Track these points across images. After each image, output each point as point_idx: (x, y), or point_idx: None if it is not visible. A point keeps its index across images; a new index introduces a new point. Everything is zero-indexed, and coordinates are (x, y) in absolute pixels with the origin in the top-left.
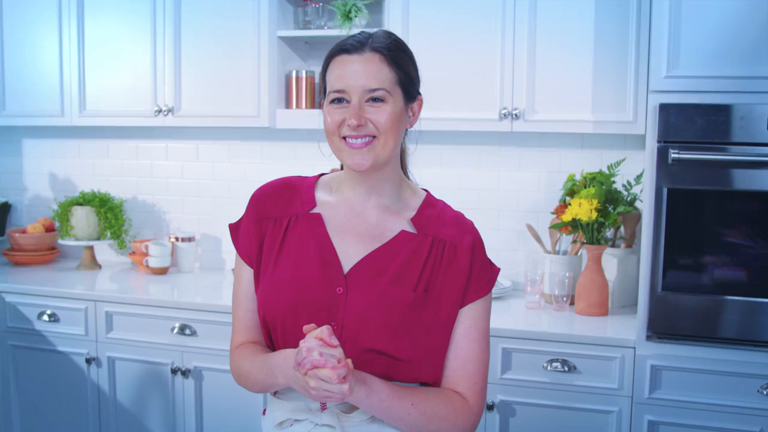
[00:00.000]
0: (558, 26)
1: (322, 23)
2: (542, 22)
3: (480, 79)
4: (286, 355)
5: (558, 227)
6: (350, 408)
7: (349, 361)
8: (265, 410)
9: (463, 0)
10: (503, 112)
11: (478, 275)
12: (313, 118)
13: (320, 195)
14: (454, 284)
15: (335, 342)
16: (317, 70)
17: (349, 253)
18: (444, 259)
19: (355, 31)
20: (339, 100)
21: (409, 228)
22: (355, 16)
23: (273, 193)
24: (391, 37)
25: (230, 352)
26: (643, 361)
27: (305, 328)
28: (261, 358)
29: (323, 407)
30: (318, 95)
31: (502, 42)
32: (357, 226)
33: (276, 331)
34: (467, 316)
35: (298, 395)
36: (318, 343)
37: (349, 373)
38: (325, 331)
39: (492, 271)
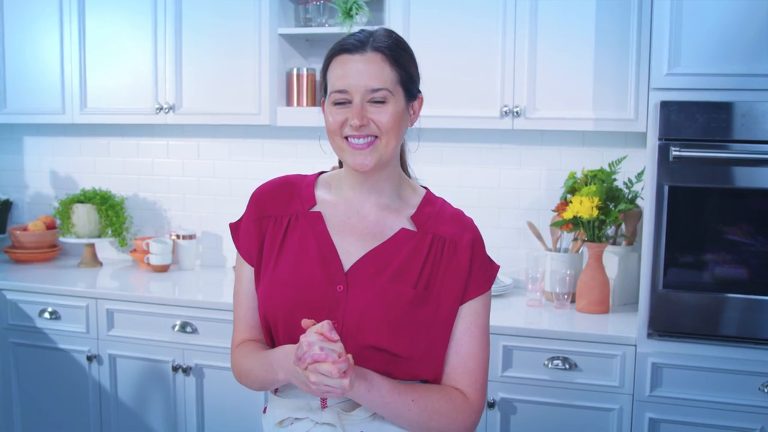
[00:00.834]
0: (559, 24)
1: (323, 21)
2: (543, 19)
3: (481, 76)
4: (286, 350)
5: (559, 225)
6: (351, 406)
7: (350, 356)
8: (265, 408)
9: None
10: (504, 109)
11: (478, 272)
12: (314, 116)
13: (320, 193)
14: (454, 281)
15: (336, 337)
16: (318, 67)
17: (350, 252)
18: (444, 256)
19: (356, 28)
20: (341, 101)
21: (409, 226)
22: (356, 14)
23: (273, 192)
24: (392, 36)
25: (231, 350)
26: (644, 359)
27: (304, 322)
28: (261, 355)
29: (323, 405)
30: (319, 93)
31: (503, 40)
32: (357, 225)
33: (276, 329)
34: (467, 313)
35: (299, 393)
36: (318, 337)
37: (350, 368)
38: (325, 326)
39: (492, 268)
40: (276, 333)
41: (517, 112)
